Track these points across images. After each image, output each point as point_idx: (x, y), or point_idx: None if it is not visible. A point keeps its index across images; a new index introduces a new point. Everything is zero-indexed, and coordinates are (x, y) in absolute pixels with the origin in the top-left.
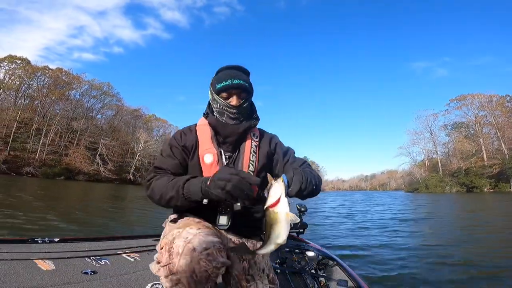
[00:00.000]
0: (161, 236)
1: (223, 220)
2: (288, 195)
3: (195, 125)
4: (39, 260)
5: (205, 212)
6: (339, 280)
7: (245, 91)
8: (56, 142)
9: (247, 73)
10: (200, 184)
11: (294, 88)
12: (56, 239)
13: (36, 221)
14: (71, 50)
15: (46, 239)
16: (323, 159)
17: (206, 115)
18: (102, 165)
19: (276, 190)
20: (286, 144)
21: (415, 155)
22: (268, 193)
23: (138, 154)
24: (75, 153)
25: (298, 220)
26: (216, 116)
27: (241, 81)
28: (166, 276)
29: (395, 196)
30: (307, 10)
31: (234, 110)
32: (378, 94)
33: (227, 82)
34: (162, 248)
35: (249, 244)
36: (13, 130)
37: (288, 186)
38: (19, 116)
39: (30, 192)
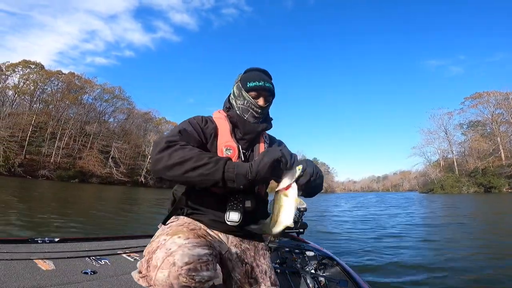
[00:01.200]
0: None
1: (234, 216)
2: (297, 183)
3: (210, 116)
4: (39, 260)
5: (214, 207)
6: (339, 280)
7: (272, 95)
8: (70, 146)
9: (271, 77)
10: (247, 163)
11: (303, 88)
12: (56, 239)
13: (54, 221)
14: (84, 54)
15: (46, 239)
16: (333, 161)
17: (227, 109)
18: (114, 168)
19: (290, 175)
20: (297, 145)
21: (430, 155)
22: (282, 178)
23: (149, 157)
24: (88, 156)
25: (305, 205)
26: (238, 112)
27: (271, 85)
28: (147, 287)
29: (411, 197)
30: (315, 10)
31: (259, 110)
32: (389, 94)
33: (260, 83)
34: (144, 257)
35: (251, 246)
36: (28, 134)
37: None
38: (34, 120)
39: (46, 195)
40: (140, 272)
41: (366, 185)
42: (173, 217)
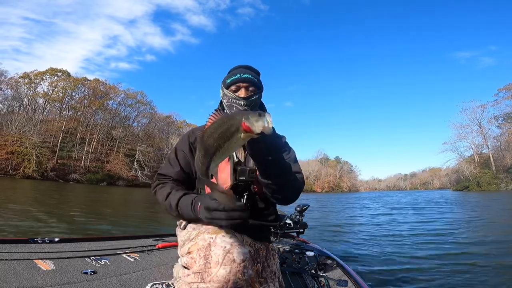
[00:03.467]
0: (182, 238)
1: None
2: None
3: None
4: (39, 260)
5: None
6: (339, 280)
7: (254, 85)
8: (98, 150)
9: (257, 72)
10: (190, 207)
11: (325, 84)
12: (56, 239)
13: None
14: (108, 60)
15: (46, 239)
16: (357, 159)
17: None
18: (139, 171)
19: (258, 120)
20: (318, 144)
21: (463, 150)
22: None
23: None
24: (115, 160)
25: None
26: (226, 111)
27: (250, 76)
28: (191, 283)
29: (448, 196)
30: (333, 3)
31: (242, 102)
32: (416, 88)
33: (236, 76)
34: (190, 253)
35: (263, 246)
36: (59, 139)
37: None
38: (64, 126)
39: (83, 197)
40: (187, 268)
41: (392, 183)
42: None
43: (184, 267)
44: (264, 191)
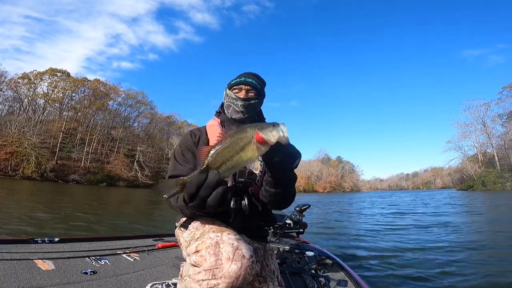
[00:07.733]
0: (186, 238)
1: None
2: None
3: (205, 126)
4: (39, 260)
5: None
6: (339, 280)
7: (255, 90)
8: (98, 151)
9: (262, 80)
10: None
11: (330, 83)
12: (56, 239)
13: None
14: (110, 59)
15: (46, 239)
16: (358, 159)
17: (218, 114)
18: (139, 171)
19: (272, 132)
20: (319, 143)
21: (467, 149)
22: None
23: None
24: (115, 161)
25: (259, 168)
26: (226, 113)
27: (253, 81)
28: (202, 280)
29: (455, 196)
30: (342, 0)
31: (240, 103)
32: (420, 86)
33: (241, 79)
34: (198, 252)
35: (260, 246)
36: (59, 140)
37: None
38: (64, 127)
39: (82, 198)
40: (196, 266)
41: (394, 183)
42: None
43: (194, 265)
44: (261, 197)
